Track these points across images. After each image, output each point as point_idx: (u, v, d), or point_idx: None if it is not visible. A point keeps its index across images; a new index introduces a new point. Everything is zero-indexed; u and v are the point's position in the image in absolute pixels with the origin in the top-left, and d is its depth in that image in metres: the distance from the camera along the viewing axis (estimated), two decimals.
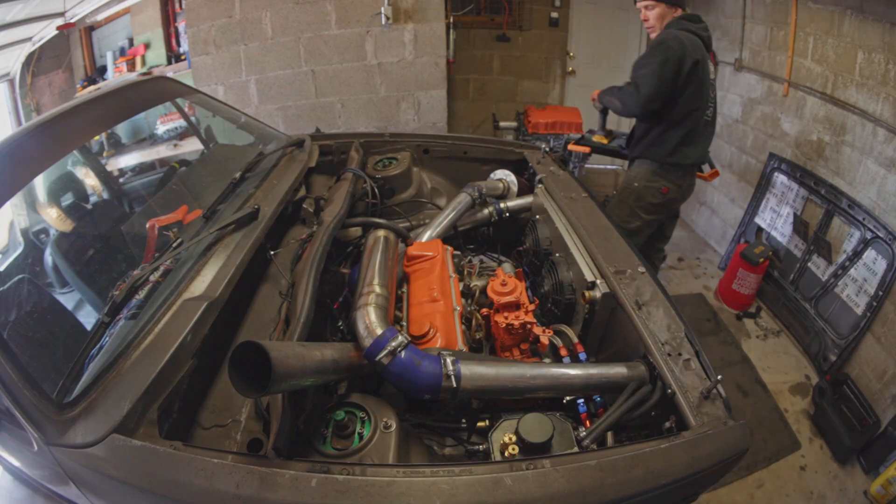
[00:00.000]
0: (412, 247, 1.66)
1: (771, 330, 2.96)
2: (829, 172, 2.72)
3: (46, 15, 3.63)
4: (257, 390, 0.89)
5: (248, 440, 1.07)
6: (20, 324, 1.29)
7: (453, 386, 1.08)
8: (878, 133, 2.40)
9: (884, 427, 2.12)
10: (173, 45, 4.26)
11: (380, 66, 3.86)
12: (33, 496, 1.92)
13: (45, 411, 0.99)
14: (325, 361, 1.06)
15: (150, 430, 0.98)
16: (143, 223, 1.65)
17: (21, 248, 1.79)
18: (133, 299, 1.26)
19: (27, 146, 1.38)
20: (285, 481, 0.86)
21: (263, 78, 3.87)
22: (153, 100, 2.05)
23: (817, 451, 2.28)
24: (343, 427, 1.04)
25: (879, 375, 2.28)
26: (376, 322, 1.20)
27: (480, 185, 2.06)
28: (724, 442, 0.97)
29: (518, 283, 1.39)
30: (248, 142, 2.30)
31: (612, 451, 0.96)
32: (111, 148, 3.40)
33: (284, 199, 1.72)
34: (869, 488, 2.05)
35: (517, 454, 1.03)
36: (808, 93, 2.85)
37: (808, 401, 2.51)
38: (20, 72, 4.06)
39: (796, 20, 2.82)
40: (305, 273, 1.35)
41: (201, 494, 0.87)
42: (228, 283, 1.28)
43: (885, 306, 2.30)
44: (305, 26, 3.71)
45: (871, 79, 2.42)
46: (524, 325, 1.32)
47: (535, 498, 0.86)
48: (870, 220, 2.40)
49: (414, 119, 4.07)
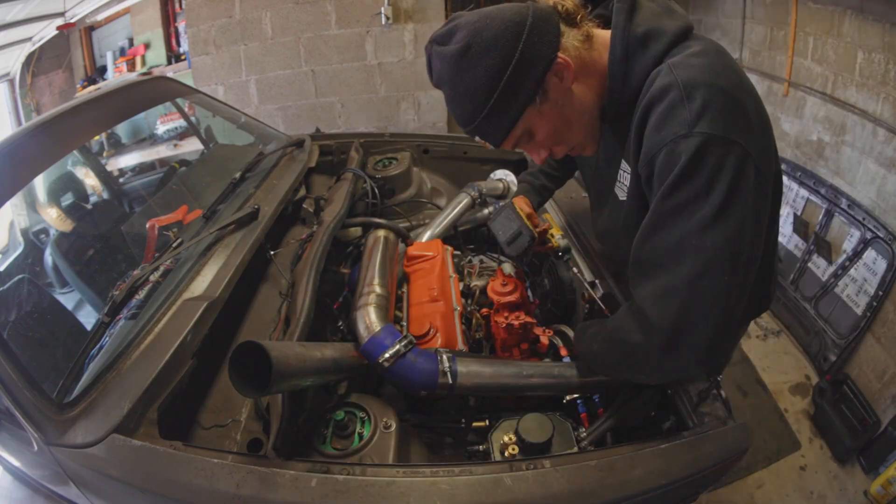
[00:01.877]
0: (412, 247, 1.66)
1: (771, 330, 2.96)
2: (829, 172, 2.72)
3: (46, 15, 3.63)
4: (257, 390, 0.89)
5: (248, 440, 1.07)
6: (20, 324, 1.29)
7: (449, 382, 1.08)
8: (878, 133, 2.40)
9: (884, 427, 2.12)
10: (173, 45, 4.27)
11: (380, 66, 3.86)
12: (33, 496, 1.92)
13: (45, 411, 0.99)
14: (325, 361, 1.06)
15: (150, 430, 0.98)
16: (143, 223, 1.65)
17: (21, 248, 1.79)
18: (133, 299, 1.26)
19: (27, 146, 1.38)
20: (285, 481, 0.86)
21: (263, 78, 3.87)
22: (153, 100, 2.05)
23: (817, 451, 2.28)
24: (343, 427, 1.04)
25: (879, 375, 2.27)
26: (376, 322, 1.20)
27: (480, 185, 2.06)
28: (724, 442, 0.97)
29: (518, 283, 1.39)
30: (248, 142, 2.30)
31: (612, 451, 0.96)
32: (111, 148, 3.41)
33: (284, 199, 1.72)
34: (869, 488, 2.05)
35: (517, 454, 1.02)
36: (808, 93, 2.85)
37: (808, 401, 2.50)
38: (20, 72, 4.06)
39: (796, 20, 2.82)
40: (305, 273, 1.35)
41: (201, 494, 0.87)
42: (228, 283, 1.28)
43: (885, 306, 2.30)
44: (305, 26, 3.71)
45: (871, 79, 2.42)
46: (524, 325, 1.31)
47: (535, 498, 0.86)
48: (870, 220, 2.39)
49: (414, 119, 4.07)
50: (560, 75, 0.85)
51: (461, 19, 0.86)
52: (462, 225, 1.99)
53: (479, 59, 0.83)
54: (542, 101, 0.87)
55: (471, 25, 0.83)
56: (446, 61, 0.85)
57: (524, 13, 0.84)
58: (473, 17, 0.85)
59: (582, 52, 0.87)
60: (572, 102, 0.90)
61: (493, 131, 0.91)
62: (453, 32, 0.85)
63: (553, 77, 0.85)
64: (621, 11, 0.86)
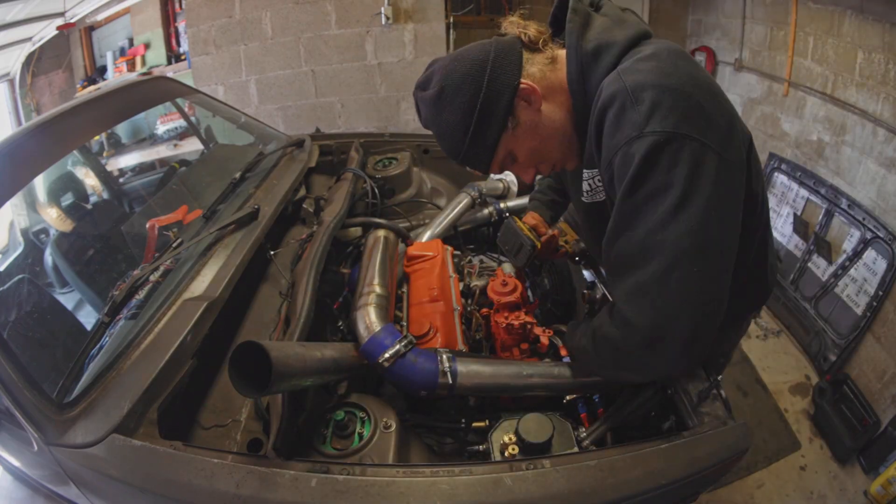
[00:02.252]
0: (412, 247, 1.66)
1: (771, 330, 2.96)
2: (829, 172, 2.72)
3: (46, 15, 3.63)
4: (257, 390, 0.89)
5: (248, 440, 1.07)
6: (20, 324, 1.29)
7: (449, 382, 1.08)
8: (878, 133, 2.40)
9: (884, 427, 2.12)
10: (173, 45, 4.27)
11: (380, 66, 3.86)
12: (33, 496, 1.92)
13: (45, 411, 1.00)
14: (325, 361, 1.06)
15: (150, 430, 0.98)
16: (143, 223, 1.65)
17: (21, 248, 1.79)
18: (133, 299, 1.26)
19: (27, 146, 1.38)
20: (285, 481, 0.86)
21: (263, 78, 3.87)
22: (153, 100, 2.05)
23: (817, 451, 2.28)
24: (343, 427, 1.04)
25: (879, 375, 2.27)
26: (376, 322, 1.20)
27: (480, 185, 2.06)
28: (724, 442, 0.97)
29: (518, 283, 1.39)
30: (248, 142, 2.30)
31: (612, 451, 0.96)
32: (111, 148, 3.41)
33: (284, 199, 1.72)
34: (869, 488, 2.05)
35: (517, 454, 1.03)
36: (808, 93, 2.85)
37: (808, 401, 2.51)
38: (20, 72, 4.06)
39: (796, 20, 2.82)
40: (305, 273, 1.35)
41: (201, 494, 0.87)
42: (228, 283, 1.28)
43: (885, 306, 2.30)
44: (305, 26, 3.71)
45: (871, 79, 2.42)
46: (524, 325, 1.31)
47: (535, 498, 0.86)
48: (870, 220, 2.40)
49: (414, 119, 4.03)
50: (528, 100, 0.91)
51: (436, 64, 0.95)
52: (462, 225, 1.99)
53: (451, 99, 0.91)
54: (515, 126, 0.93)
55: (443, 70, 0.92)
56: (427, 105, 0.95)
57: (487, 50, 0.91)
58: (445, 62, 0.93)
59: (548, 73, 0.93)
60: (544, 123, 0.94)
61: (477, 160, 0.99)
62: (430, 79, 0.94)
63: (521, 102, 0.91)
64: (573, 31, 0.90)
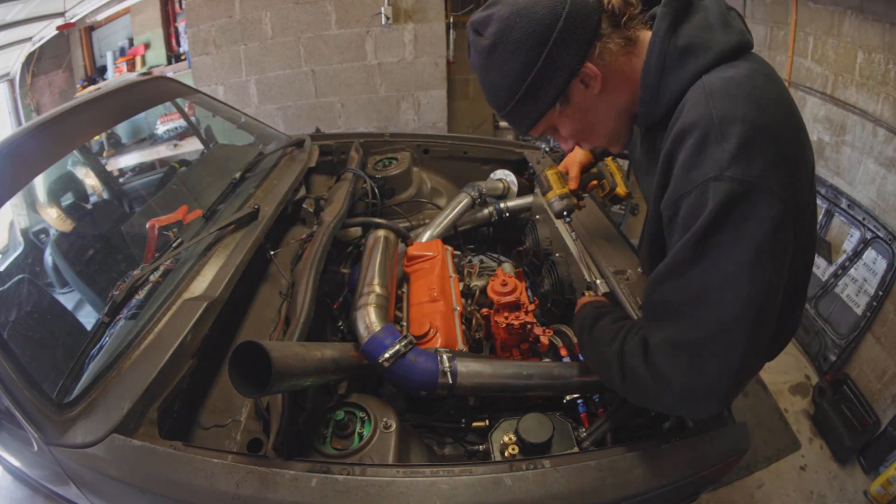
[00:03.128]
0: (412, 247, 1.66)
1: None
2: (829, 172, 2.72)
3: (46, 15, 3.63)
4: (257, 390, 0.89)
5: (248, 440, 1.07)
6: (20, 324, 1.29)
7: (449, 382, 1.08)
8: (878, 133, 2.39)
9: (884, 427, 2.12)
10: (173, 45, 4.26)
11: (380, 66, 3.86)
12: (33, 496, 1.92)
13: (45, 411, 1.00)
14: (325, 361, 1.06)
15: (150, 430, 0.98)
16: (143, 223, 1.65)
17: (21, 248, 1.79)
18: (133, 299, 1.26)
19: (27, 146, 1.38)
20: (285, 481, 0.86)
21: (263, 78, 3.87)
22: (153, 100, 2.05)
23: (817, 451, 2.28)
24: (343, 427, 1.04)
25: (879, 375, 2.27)
26: (376, 322, 1.20)
27: (480, 185, 2.06)
28: (724, 442, 0.97)
29: (518, 283, 1.39)
30: (248, 142, 2.30)
31: (612, 451, 0.96)
32: (111, 148, 3.41)
33: (284, 199, 1.72)
34: (869, 488, 2.05)
35: (517, 454, 1.03)
36: (808, 93, 2.84)
37: (808, 401, 2.50)
38: (20, 72, 4.06)
39: (796, 20, 2.82)
40: (305, 273, 1.35)
41: (201, 494, 0.87)
42: (228, 283, 1.28)
43: (885, 306, 2.30)
44: (305, 26, 3.71)
45: (871, 79, 2.42)
46: (524, 325, 1.31)
47: (535, 498, 0.86)
48: (870, 220, 2.39)
49: (414, 119, 4.07)
50: (586, 83, 0.81)
51: (497, 7, 0.80)
52: (462, 225, 1.99)
53: (503, 61, 0.80)
54: (564, 106, 0.84)
55: (502, 21, 0.78)
56: (477, 53, 0.84)
57: (557, 13, 0.75)
58: (506, 11, 0.78)
59: (620, 58, 0.80)
60: (597, 109, 0.85)
61: (517, 124, 0.90)
62: (487, 23, 0.81)
63: (579, 83, 0.81)
64: (665, 17, 0.78)
